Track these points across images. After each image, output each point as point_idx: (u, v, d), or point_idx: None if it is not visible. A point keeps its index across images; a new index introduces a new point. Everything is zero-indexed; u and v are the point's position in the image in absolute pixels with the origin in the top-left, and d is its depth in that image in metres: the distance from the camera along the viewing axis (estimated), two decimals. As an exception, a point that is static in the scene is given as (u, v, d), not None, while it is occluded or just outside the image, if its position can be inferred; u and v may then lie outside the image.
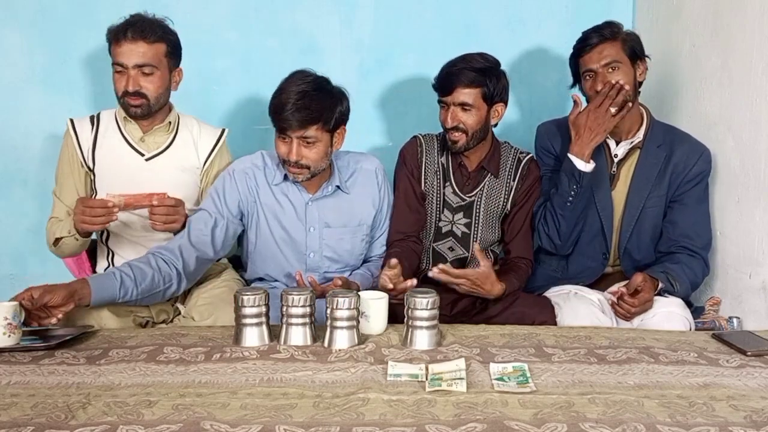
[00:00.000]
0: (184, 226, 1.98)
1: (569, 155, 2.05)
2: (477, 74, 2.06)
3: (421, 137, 2.27)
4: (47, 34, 2.65)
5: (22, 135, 2.67)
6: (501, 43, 2.76)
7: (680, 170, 2.13)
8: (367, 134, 2.79)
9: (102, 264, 2.19)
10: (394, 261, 1.85)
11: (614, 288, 2.09)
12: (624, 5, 2.78)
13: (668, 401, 1.31)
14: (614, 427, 1.19)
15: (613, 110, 2.02)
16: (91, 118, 2.14)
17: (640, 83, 2.14)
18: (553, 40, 2.78)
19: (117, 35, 1.99)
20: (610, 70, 2.06)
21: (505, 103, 2.16)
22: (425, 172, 2.22)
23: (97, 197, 2.07)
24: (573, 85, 2.21)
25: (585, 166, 2.04)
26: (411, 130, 2.32)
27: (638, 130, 2.16)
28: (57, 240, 2.03)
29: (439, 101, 2.14)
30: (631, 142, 2.16)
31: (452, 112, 2.09)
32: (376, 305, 1.69)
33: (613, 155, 2.18)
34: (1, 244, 2.72)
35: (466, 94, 2.07)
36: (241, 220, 2.07)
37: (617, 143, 2.18)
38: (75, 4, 2.65)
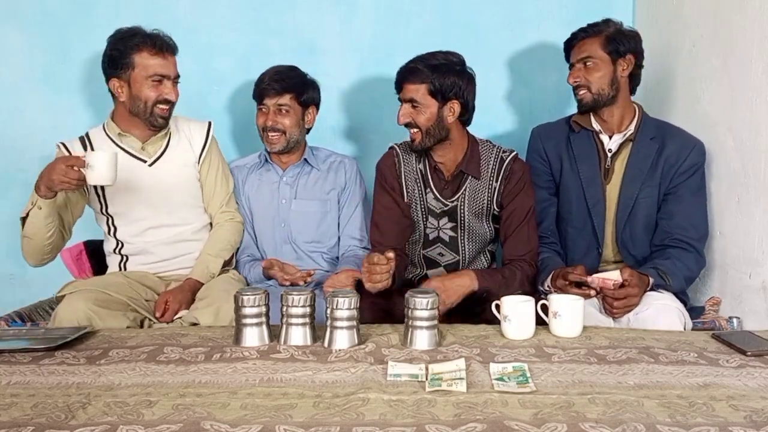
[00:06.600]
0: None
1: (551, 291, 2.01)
2: (425, 70, 2.02)
3: (397, 147, 2.22)
4: (48, 34, 2.65)
5: (22, 135, 2.68)
6: (501, 43, 2.77)
7: (673, 162, 2.14)
8: (366, 134, 2.80)
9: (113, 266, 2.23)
10: (390, 254, 1.85)
11: (595, 276, 1.96)
12: (624, 5, 2.78)
13: (668, 401, 1.31)
14: (614, 427, 1.19)
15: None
16: (81, 139, 2.19)
17: (631, 79, 2.19)
18: (553, 40, 2.77)
19: (159, 46, 2.08)
20: (584, 65, 2.16)
21: (462, 102, 2.06)
22: (406, 182, 2.18)
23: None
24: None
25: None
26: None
27: (630, 123, 2.20)
28: (23, 221, 2.04)
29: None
30: (624, 135, 2.19)
31: (403, 109, 2.08)
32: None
33: (607, 150, 2.20)
34: (1, 244, 2.71)
35: (412, 90, 2.05)
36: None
37: (610, 137, 2.20)
38: (75, 5, 2.65)
